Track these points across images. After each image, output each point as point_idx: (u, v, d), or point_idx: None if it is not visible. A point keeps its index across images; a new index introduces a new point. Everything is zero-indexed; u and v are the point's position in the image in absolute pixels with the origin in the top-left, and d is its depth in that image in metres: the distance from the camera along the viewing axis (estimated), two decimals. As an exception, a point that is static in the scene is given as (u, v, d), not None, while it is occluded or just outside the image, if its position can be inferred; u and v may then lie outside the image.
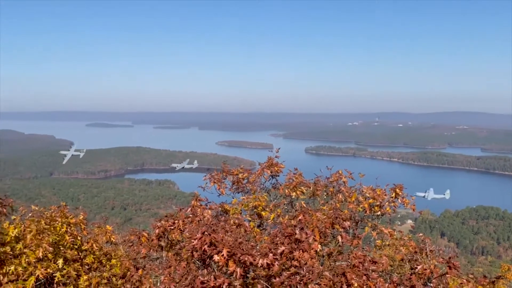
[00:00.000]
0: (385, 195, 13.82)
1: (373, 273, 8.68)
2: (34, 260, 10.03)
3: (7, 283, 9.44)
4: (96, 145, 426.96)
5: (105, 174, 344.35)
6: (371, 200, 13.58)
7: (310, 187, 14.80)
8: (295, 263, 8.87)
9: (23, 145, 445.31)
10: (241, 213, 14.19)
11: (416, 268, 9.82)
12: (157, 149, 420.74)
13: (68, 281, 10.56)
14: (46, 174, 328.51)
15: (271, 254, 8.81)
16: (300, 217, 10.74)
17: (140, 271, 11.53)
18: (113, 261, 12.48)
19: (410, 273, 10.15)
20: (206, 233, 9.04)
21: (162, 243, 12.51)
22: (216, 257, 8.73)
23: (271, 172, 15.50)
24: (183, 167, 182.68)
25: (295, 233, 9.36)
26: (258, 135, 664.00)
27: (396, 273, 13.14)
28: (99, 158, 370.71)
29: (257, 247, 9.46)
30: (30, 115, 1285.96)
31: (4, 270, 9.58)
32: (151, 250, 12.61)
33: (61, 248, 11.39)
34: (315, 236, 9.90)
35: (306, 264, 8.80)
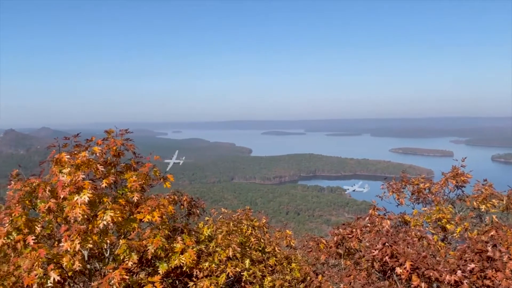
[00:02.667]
0: None
1: None
2: (224, 259, 10.94)
3: (202, 277, 10.50)
4: (271, 152, 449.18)
5: (280, 180, 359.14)
6: None
7: (503, 200, 13.40)
8: (488, 282, 8.14)
9: (208, 152, 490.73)
10: (422, 225, 13.55)
11: None
12: (329, 156, 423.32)
13: (254, 281, 11.37)
14: (227, 178, 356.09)
15: (459, 271, 8.23)
16: (492, 233, 9.83)
17: (319, 277, 11.81)
18: (293, 265, 13.01)
19: None
20: (387, 244, 8.86)
21: (340, 251, 12.62)
22: (398, 270, 8.49)
23: (456, 183, 14.44)
24: (173, 163, 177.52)
25: (487, 250, 8.59)
26: (436, 141, 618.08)
27: None
28: (274, 164, 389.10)
29: (442, 262, 8.93)
30: (215, 125, 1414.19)
31: (200, 266, 10.70)
32: (330, 257, 12.82)
33: (247, 249, 12.28)
34: (510, 254, 8.97)
35: (500, 284, 8.03)
